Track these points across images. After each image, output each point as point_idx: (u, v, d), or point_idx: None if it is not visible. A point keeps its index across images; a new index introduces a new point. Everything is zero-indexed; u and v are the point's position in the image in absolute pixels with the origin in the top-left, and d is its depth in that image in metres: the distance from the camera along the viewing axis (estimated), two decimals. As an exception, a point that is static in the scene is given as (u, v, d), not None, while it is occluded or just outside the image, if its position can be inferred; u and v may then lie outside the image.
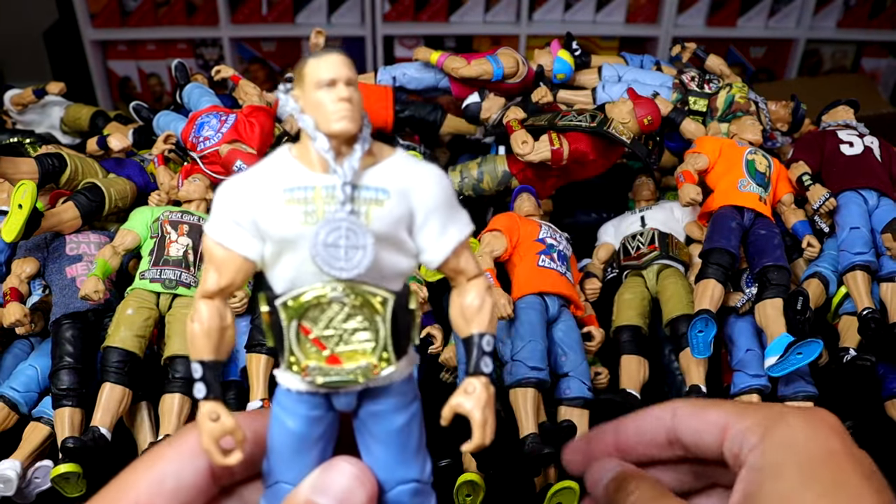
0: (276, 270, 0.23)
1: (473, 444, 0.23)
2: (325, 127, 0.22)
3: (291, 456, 0.24)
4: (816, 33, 1.86)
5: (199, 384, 0.23)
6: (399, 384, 0.24)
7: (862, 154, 0.67)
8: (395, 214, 0.23)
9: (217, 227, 0.23)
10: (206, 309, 0.23)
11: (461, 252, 0.24)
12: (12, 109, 0.90)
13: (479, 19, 1.89)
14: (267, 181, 0.22)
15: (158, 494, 0.24)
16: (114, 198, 0.65)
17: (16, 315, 0.55)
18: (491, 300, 0.25)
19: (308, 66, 0.22)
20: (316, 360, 0.23)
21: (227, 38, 1.87)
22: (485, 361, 0.24)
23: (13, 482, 0.49)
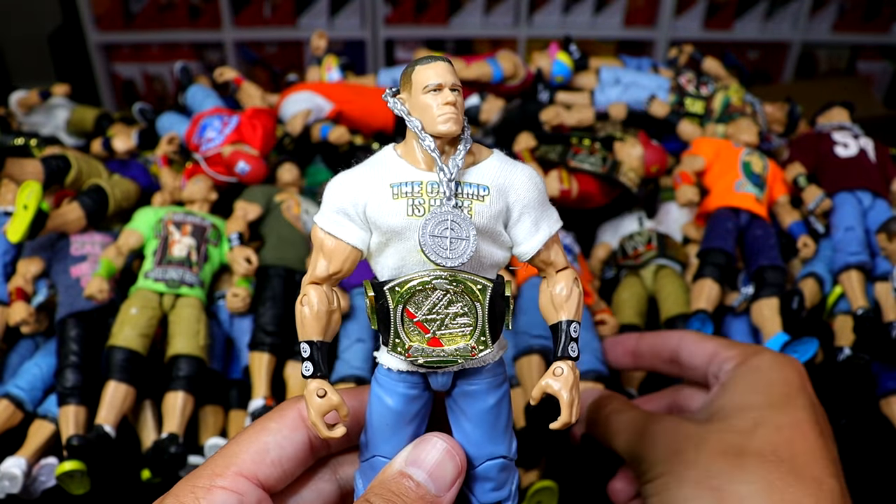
0: (382, 259, 0.25)
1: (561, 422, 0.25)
2: (432, 128, 0.24)
3: (389, 432, 0.26)
4: (812, 36, 1.88)
5: (308, 363, 0.25)
6: (492, 366, 0.26)
7: (856, 155, 0.68)
8: (494, 209, 0.24)
9: (327, 219, 0.25)
10: (316, 293, 0.25)
11: (551, 245, 0.26)
12: (18, 111, 0.91)
13: (479, 22, 1.90)
14: (376, 177, 0.24)
15: (262, 463, 0.26)
16: (118, 198, 0.66)
17: (21, 314, 0.56)
18: (578, 290, 0.26)
19: (416, 73, 0.24)
20: (419, 341, 0.25)
21: (229, 41, 1.88)
22: (572, 346, 0.25)
23: (19, 479, 0.50)
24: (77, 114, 0.93)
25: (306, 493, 0.28)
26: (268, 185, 0.71)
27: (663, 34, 1.85)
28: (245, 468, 0.25)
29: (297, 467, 0.27)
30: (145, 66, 1.94)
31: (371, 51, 1.89)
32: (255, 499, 0.25)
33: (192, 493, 0.24)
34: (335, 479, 0.29)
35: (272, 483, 0.26)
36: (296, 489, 0.28)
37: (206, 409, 0.56)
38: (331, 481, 0.29)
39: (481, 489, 0.27)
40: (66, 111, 0.93)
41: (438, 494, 0.25)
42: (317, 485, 0.28)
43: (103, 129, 0.89)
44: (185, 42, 1.90)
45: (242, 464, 0.25)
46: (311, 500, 0.28)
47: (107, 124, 0.90)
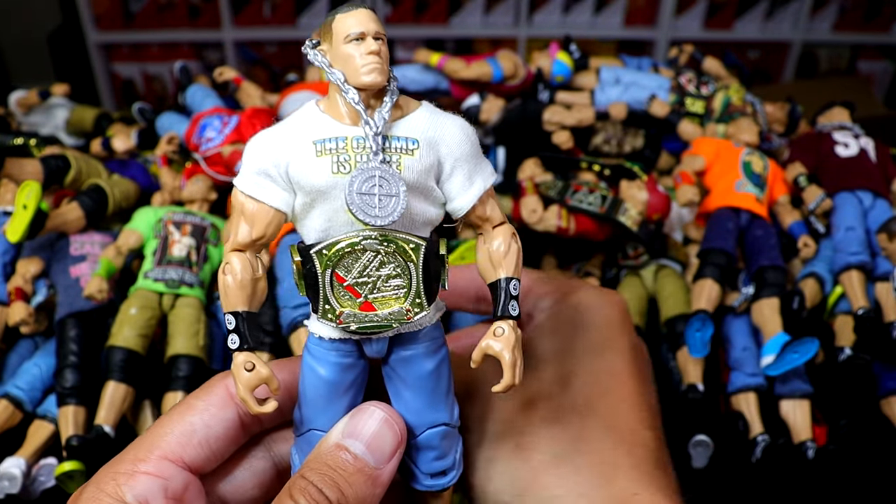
0: (307, 221, 0.23)
1: (504, 385, 0.24)
2: (355, 79, 0.22)
3: (323, 404, 0.25)
4: (812, 36, 1.87)
5: (233, 335, 0.23)
6: (429, 329, 0.25)
7: (857, 155, 0.68)
8: (425, 163, 0.23)
9: (247, 181, 0.23)
10: (239, 261, 0.23)
11: (486, 200, 0.25)
12: (17, 111, 0.91)
13: (479, 22, 1.90)
14: (297, 134, 0.23)
15: (188, 444, 0.24)
16: (117, 198, 0.66)
17: (20, 314, 0.56)
18: (517, 246, 0.25)
19: (336, 21, 0.23)
20: (350, 307, 0.23)
21: (229, 41, 1.88)
22: (512, 305, 0.24)
23: (18, 480, 0.50)
24: (76, 114, 0.93)
25: (240, 472, 0.26)
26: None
27: (663, 34, 1.85)
28: (170, 451, 0.24)
29: (228, 447, 0.25)
30: (145, 66, 1.94)
31: (371, 50, 1.89)
32: (181, 482, 0.24)
33: (113, 479, 0.23)
34: (270, 457, 0.27)
35: (200, 464, 0.24)
36: (228, 469, 0.26)
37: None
38: (265, 459, 0.27)
39: (424, 458, 0.26)
40: (65, 111, 0.93)
41: (378, 466, 0.24)
42: (251, 463, 0.27)
43: (103, 129, 0.89)
44: (184, 42, 1.90)
45: (167, 446, 0.24)
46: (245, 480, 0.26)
47: (106, 124, 0.90)
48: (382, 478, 0.24)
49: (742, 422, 0.54)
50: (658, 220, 0.66)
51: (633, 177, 0.66)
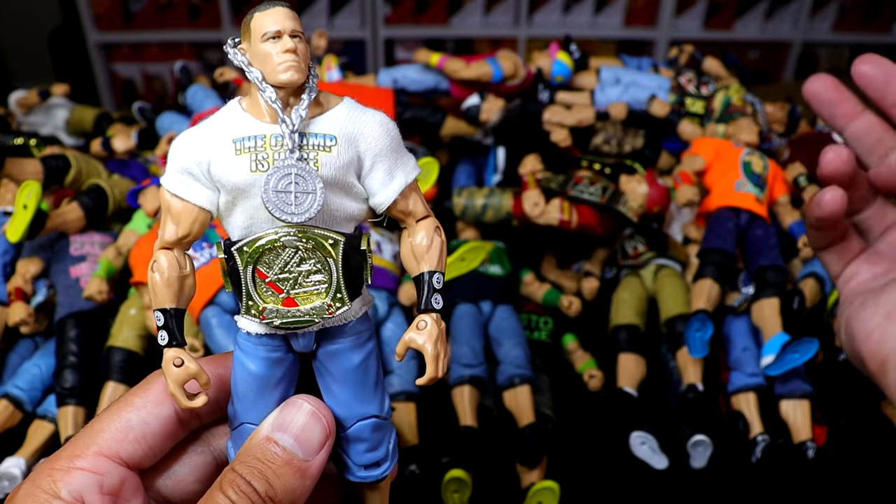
0: (231, 219, 0.24)
1: (427, 378, 0.24)
2: (273, 78, 0.22)
3: (254, 398, 0.25)
4: (812, 36, 1.87)
5: (162, 332, 0.24)
6: (354, 324, 0.25)
7: None
8: (343, 160, 0.23)
9: (172, 179, 0.24)
10: (167, 259, 0.24)
11: (409, 194, 0.25)
12: (17, 111, 0.91)
13: (479, 22, 1.90)
14: (217, 132, 0.23)
15: (124, 441, 0.24)
16: (117, 198, 0.66)
17: (20, 315, 0.56)
18: (440, 239, 0.25)
19: (254, 20, 0.23)
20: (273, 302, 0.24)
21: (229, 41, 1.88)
22: (435, 298, 0.24)
23: (18, 479, 0.50)
24: (76, 113, 0.93)
25: (179, 467, 0.27)
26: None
27: (663, 34, 1.85)
28: (106, 447, 0.24)
29: (165, 442, 0.26)
30: (145, 66, 1.94)
31: (371, 50, 1.89)
32: (117, 478, 0.24)
33: (49, 476, 0.23)
34: (209, 451, 0.28)
35: (137, 460, 0.25)
36: (168, 464, 0.27)
37: (205, 410, 0.56)
38: (204, 453, 0.28)
39: (356, 451, 0.26)
40: (65, 111, 0.93)
41: (306, 458, 0.24)
42: (190, 458, 0.27)
43: (103, 129, 0.89)
44: (184, 42, 1.90)
45: (103, 442, 0.24)
46: (185, 475, 0.27)
47: (106, 124, 0.90)
48: (311, 470, 0.24)
49: (742, 422, 0.54)
50: (658, 212, 0.66)
51: (632, 172, 0.66)
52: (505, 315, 0.60)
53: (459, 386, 0.53)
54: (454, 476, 0.49)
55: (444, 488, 0.49)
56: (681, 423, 0.55)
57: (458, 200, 0.68)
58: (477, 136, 0.80)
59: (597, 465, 0.55)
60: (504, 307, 0.60)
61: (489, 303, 0.61)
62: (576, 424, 0.57)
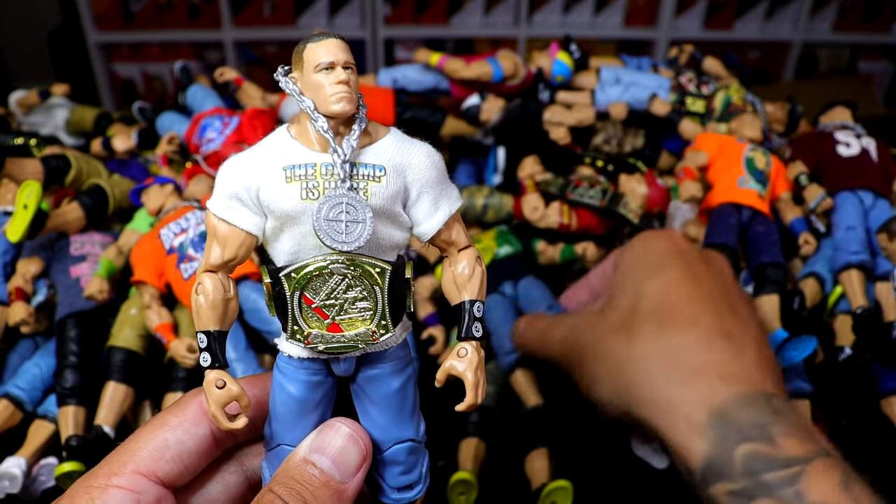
0: (277, 245, 0.24)
1: (466, 404, 0.25)
2: (325, 108, 0.23)
3: (293, 420, 0.25)
4: (812, 36, 1.87)
5: (205, 353, 0.24)
6: (395, 349, 0.26)
7: (859, 155, 0.68)
8: (392, 190, 0.24)
9: (220, 204, 0.24)
10: (211, 282, 0.24)
11: (452, 224, 0.25)
12: (18, 111, 0.91)
13: (479, 22, 1.90)
14: (268, 159, 0.23)
15: (160, 459, 0.25)
16: (118, 198, 0.66)
17: (21, 314, 0.56)
18: (481, 269, 0.26)
19: (307, 50, 0.23)
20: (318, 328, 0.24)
21: (229, 41, 1.88)
22: (476, 327, 0.25)
23: (18, 479, 0.50)
24: (76, 113, 0.93)
25: (212, 486, 0.27)
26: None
27: (663, 34, 1.85)
28: (143, 465, 0.24)
29: (200, 461, 0.26)
30: (145, 66, 1.94)
31: (371, 50, 1.89)
32: (153, 496, 0.24)
33: (86, 493, 0.23)
34: (242, 471, 0.28)
35: (173, 479, 0.25)
36: (201, 483, 0.27)
37: (206, 410, 0.56)
38: (237, 473, 0.28)
39: (391, 473, 0.27)
40: (65, 111, 0.93)
41: (343, 480, 0.24)
42: (223, 477, 0.27)
43: (103, 129, 0.89)
44: (184, 42, 1.90)
45: (140, 461, 0.24)
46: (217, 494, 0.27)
47: (106, 124, 0.90)
48: (348, 492, 0.24)
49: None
50: (658, 212, 0.66)
51: (633, 171, 0.66)
52: (528, 286, 0.60)
53: (512, 373, 0.53)
54: (460, 478, 0.49)
55: (451, 490, 0.49)
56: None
57: None
58: (477, 136, 0.80)
59: (596, 465, 0.55)
60: (525, 280, 0.60)
61: (510, 283, 0.61)
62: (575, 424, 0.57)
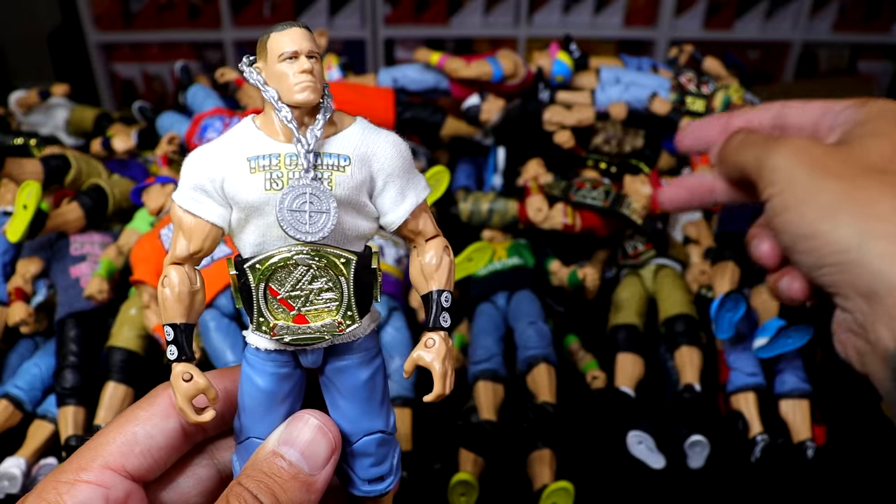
0: (243, 236, 0.24)
1: (434, 395, 0.25)
2: (288, 97, 0.23)
3: (261, 412, 0.25)
4: (812, 36, 1.87)
5: (172, 346, 0.24)
6: (362, 341, 0.25)
7: None
8: (357, 180, 0.24)
9: (185, 196, 0.24)
10: (177, 274, 0.24)
11: (419, 214, 0.25)
12: (17, 111, 0.91)
13: (479, 22, 1.90)
14: (232, 150, 0.23)
15: (129, 454, 0.25)
16: (117, 198, 0.66)
17: (20, 314, 0.56)
18: (448, 259, 0.26)
19: (271, 40, 0.23)
20: (284, 319, 0.24)
21: (229, 41, 1.88)
22: (443, 317, 0.25)
23: (18, 479, 0.50)
24: (76, 113, 0.93)
25: (183, 480, 0.27)
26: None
27: (663, 34, 1.85)
28: (112, 460, 0.24)
29: (170, 455, 0.26)
30: (145, 66, 1.94)
31: (371, 50, 1.89)
32: (123, 491, 0.24)
33: (55, 489, 0.23)
34: (213, 464, 0.28)
35: (142, 473, 0.25)
36: (172, 477, 0.27)
37: (205, 410, 0.56)
38: (209, 466, 0.28)
39: (361, 465, 0.27)
40: (65, 111, 0.93)
41: (312, 473, 0.24)
42: (194, 471, 0.27)
43: (103, 129, 0.89)
44: (184, 42, 1.90)
45: (109, 455, 0.24)
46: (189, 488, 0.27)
47: (106, 124, 0.90)
48: (317, 484, 0.24)
49: (741, 421, 0.54)
50: (662, 213, 0.66)
51: (637, 172, 0.67)
52: (519, 300, 0.60)
53: (474, 384, 0.53)
54: (461, 479, 0.49)
55: (451, 491, 0.49)
56: (677, 423, 0.55)
57: (463, 206, 0.69)
58: (477, 136, 0.80)
59: (594, 464, 0.55)
60: (520, 293, 0.60)
61: (504, 294, 0.61)
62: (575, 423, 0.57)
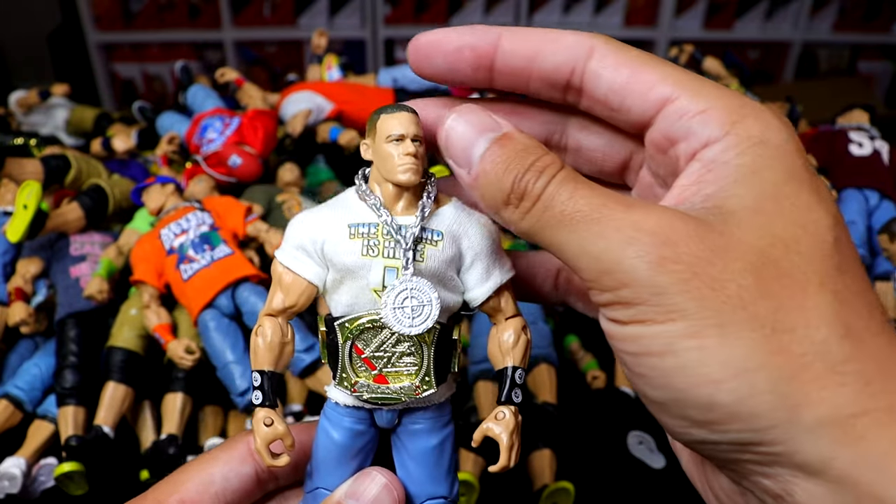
0: (336, 296, 0.26)
1: (500, 466, 0.26)
2: (392, 176, 0.25)
3: (333, 465, 0.27)
4: (812, 36, 1.87)
5: (258, 392, 0.26)
6: (436, 407, 0.27)
7: (870, 156, 0.69)
8: (447, 255, 0.26)
9: (287, 254, 0.26)
10: (270, 325, 0.26)
11: (502, 293, 0.27)
12: (18, 111, 0.91)
13: (480, 21, 1.90)
14: (336, 217, 0.26)
15: (205, 493, 0.26)
16: (117, 198, 0.66)
17: (20, 315, 0.56)
18: (526, 338, 0.27)
19: (381, 121, 0.26)
20: (365, 378, 0.26)
21: (229, 41, 1.88)
22: (516, 392, 0.26)
23: (18, 479, 0.50)
24: (76, 114, 0.93)
25: None
26: (269, 186, 0.71)
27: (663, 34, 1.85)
28: (188, 497, 0.25)
29: (243, 500, 0.27)
30: (145, 66, 1.94)
31: (371, 50, 1.89)
32: None
33: None
34: None
35: None
36: None
37: (205, 410, 0.56)
38: None
39: None
40: (65, 111, 0.93)
41: None
42: None
43: (103, 129, 0.89)
44: (184, 42, 1.90)
45: (186, 492, 0.26)
46: None
47: (106, 124, 0.90)
48: None
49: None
50: None
51: None
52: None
53: (474, 384, 0.54)
54: (461, 479, 0.49)
55: None
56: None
57: None
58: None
59: (594, 464, 0.55)
60: None
61: None
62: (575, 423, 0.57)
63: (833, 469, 0.17)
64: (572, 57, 0.22)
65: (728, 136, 0.20)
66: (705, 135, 0.20)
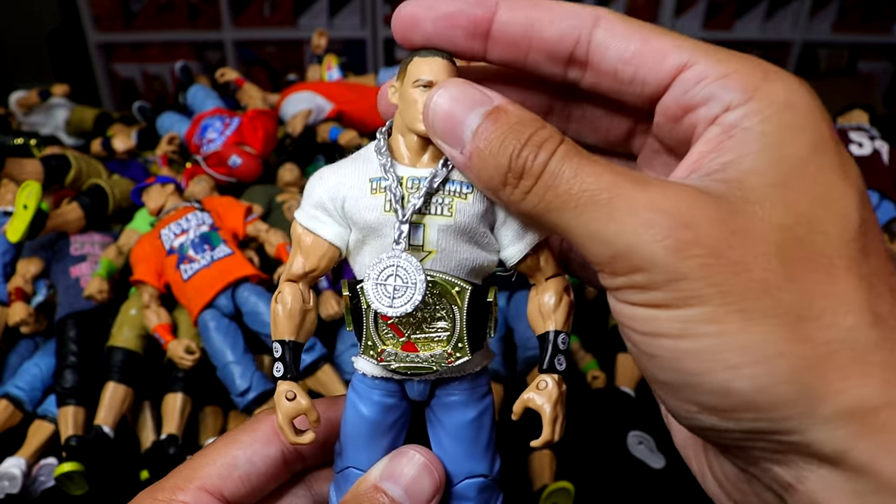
0: (359, 258, 0.24)
1: (542, 440, 0.23)
2: (413, 125, 0.22)
3: (364, 442, 0.25)
4: (812, 36, 1.87)
5: (279, 363, 0.24)
6: (472, 377, 0.25)
7: (870, 156, 0.69)
8: (478, 209, 0.23)
9: (306, 214, 0.24)
10: (291, 291, 0.24)
11: (541, 250, 0.24)
12: (18, 111, 0.91)
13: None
14: (356, 171, 0.23)
15: (228, 478, 0.24)
16: (117, 198, 0.66)
17: (20, 314, 0.56)
18: (569, 299, 0.25)
19: (412, 63, 0.23)
20: (392, 345, 0.23)
21: (229, 41, 1.88)
22: (559, 359, 0.24)
23: (18, 480, 0.50)
24: (76, 114, 0.93)
25: None
26: (269, 186, 0.71)
27: (663, 34, 1.85)
28: (209, 483, 0.24)
29: (269, 483, 0.25)
30: (145, 66, 1.94)
31: (371, 50, 1.89)
32: None
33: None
34: (310, 495, 0.27)
35: (239, 499, 0.24)
36: None
37: (205, 410, 0.56)
38: (305, 497, 0.27)
39: None
40: (65, 111, 0.93)
41: None
42: (290, 500, 0.26)
43: (103, 129, 0.89)
44: (184, 42, 1.90)
45: (207, 478, 0.24)
46: None
47: (106, 124, 0.90)
48: None
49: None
50: None
51: None
52: (519, 300, 0.60)
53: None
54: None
55: None
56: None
57: None
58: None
59: (594, 464, 0.55)
60: (520, 293, 0.60)
61: (504, 294, 0.61)
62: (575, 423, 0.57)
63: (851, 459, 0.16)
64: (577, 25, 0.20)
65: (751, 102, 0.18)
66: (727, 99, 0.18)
